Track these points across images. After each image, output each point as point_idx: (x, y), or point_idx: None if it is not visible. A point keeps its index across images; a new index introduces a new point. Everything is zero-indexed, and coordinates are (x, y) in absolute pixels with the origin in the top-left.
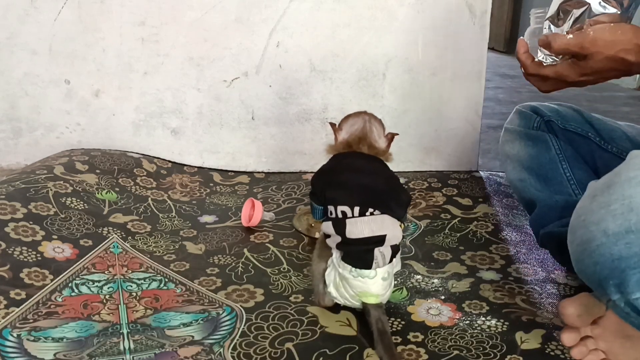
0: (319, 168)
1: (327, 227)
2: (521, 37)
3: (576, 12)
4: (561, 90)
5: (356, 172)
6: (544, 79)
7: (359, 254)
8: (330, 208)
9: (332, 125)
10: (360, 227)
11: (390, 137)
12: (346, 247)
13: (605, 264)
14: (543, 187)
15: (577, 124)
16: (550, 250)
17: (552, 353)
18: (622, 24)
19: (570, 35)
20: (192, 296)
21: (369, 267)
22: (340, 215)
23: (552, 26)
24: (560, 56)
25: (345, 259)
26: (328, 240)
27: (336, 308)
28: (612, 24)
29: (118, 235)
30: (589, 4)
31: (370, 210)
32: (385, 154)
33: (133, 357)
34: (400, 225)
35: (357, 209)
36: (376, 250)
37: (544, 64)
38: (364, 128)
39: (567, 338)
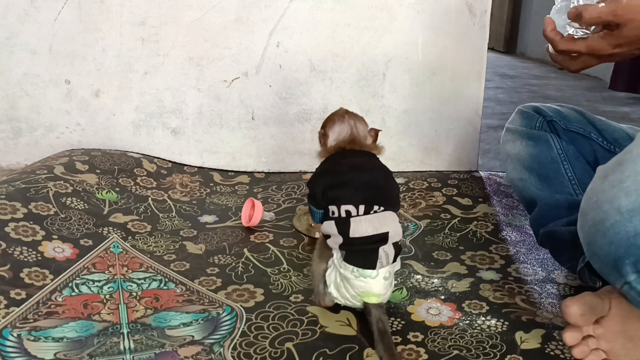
0: (315, 171)
1: (329, 227)
2: (548, 16)
3: None
4: (569, 75)
5: (357, 170)
6: (573, 57)
7: (363, 253)
8: (332, 208)
9: (321, 134)
10: (365, 225)
11: (375, 134)
12: (349, 247)
13: (621, 242)
14: (544, 186)
15: (579, 124)
16: (549, 250)
17: (551, 353)
18: None
19: (602, 4)
20: (192, 296)
21: (373, 266)
22: (344, 215)
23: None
24: (592, 28)
25: (349, 259)
26: (328, 241)
27: (336, 308)
28: None
29: (118, 235)
30: None
31: (375, 207)
32: (376, 148)
33: (133, 357)
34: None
35: (362, 208)
36: (380, 250)
37: (575, 38)
38: (351, 133)
39: (570, 337)
